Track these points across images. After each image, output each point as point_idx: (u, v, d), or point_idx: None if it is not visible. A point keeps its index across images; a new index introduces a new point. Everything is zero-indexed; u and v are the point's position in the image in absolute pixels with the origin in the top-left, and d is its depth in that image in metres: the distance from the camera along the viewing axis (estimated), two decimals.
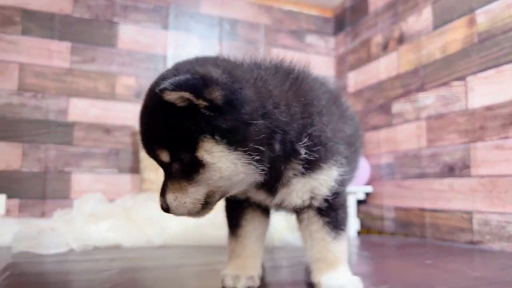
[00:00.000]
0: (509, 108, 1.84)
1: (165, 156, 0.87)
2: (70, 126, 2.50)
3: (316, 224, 1.04)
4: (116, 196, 2.48)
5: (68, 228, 1.89)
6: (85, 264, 1.50)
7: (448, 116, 2.17)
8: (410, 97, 2.44)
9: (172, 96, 0.80)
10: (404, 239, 2.27)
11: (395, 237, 2.41)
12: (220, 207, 2.24)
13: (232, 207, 1.14)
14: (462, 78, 2.09)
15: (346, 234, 1.07)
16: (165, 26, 2.78)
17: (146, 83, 2.69)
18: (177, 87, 0.78)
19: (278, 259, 1.59)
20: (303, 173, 0.97)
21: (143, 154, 2.54)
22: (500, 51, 1.90)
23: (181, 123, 0.83)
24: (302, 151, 0.94)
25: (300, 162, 0.96)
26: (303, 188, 1.00)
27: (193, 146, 0.83)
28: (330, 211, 1.03)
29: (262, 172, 0.89)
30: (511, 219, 1.80)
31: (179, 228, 2.08)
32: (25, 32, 2.45)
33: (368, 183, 2.72)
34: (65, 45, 2.53)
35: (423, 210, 2.28)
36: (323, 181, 1.00)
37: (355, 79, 2.98)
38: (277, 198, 1.02)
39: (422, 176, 2.31)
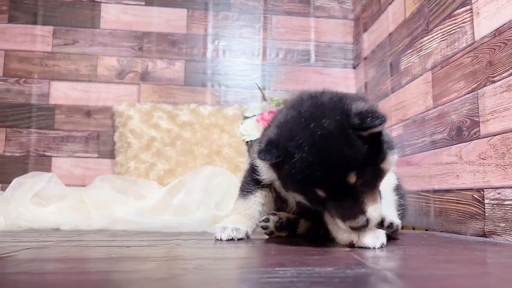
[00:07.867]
0: None
1: (352, 177, 0.93)
2: (51, 110, 2.45)
3: None
4: None
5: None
6: None
7: (453, 59, 1.55)
8: (416, 44, 1.84)
9: (378, 129, 0.94)
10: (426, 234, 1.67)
11: (415, 232, 1.81)
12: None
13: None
14: (466, 0, 1.48)
15: None
16: (151, 2, 2.60)
17: (128, 63, 2.53)
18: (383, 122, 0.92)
19: None
20: None
21: (117, 136, 2.37)
22: None
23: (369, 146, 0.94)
24: None
25: None
26: None
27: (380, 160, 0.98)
28: None
29: None
30: None
31: (123, 213, 1.85)
32: (11, 20, 2.49)
33: None
34: (48, 29, 2.51)
35: (435, 192, 1.66)
36: None
37: (369, 40, 2.42)
38: None
39: (431, 146, 1.70)
